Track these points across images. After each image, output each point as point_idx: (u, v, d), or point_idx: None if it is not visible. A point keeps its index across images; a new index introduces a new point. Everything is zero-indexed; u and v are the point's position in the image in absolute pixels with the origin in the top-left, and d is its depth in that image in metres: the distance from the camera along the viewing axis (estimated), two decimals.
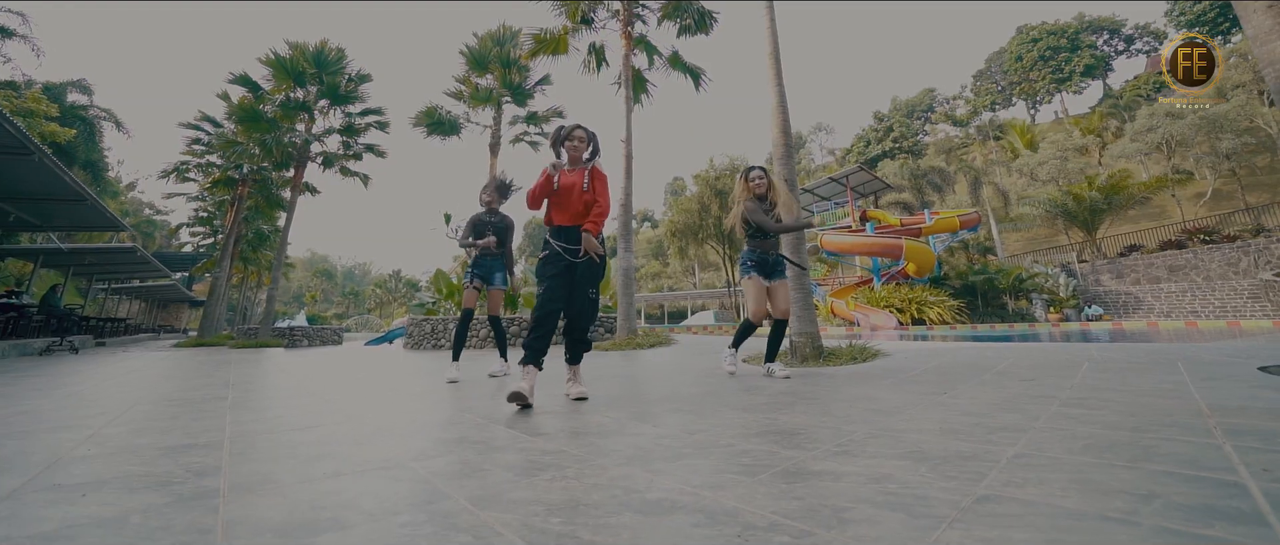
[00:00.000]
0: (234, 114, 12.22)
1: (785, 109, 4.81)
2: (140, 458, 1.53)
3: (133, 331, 24.03)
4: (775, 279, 3.32)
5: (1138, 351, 3.66)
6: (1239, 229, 20.05)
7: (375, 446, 1.62)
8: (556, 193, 2.64)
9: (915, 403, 2.11)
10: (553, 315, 2.51)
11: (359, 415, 2.23)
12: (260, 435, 1.83)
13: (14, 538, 0.96)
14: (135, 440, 1.78)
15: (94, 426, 2.04)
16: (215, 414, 2.32)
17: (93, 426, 2.04)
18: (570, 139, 2.71)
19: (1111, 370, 2.85)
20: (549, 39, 8.53)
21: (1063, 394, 2.19)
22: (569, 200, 2.62)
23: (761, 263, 3.30)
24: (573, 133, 2.72)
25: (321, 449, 1.60)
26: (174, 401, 2.79)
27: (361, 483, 1.23)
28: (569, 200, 2.62)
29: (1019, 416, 1.77)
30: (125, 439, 1.80)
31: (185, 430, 1.95)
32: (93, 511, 1.08)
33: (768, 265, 3.31)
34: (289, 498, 1.13)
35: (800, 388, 2.71)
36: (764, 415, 1.95)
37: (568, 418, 2.04)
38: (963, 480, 1.11)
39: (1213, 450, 1.27)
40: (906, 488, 1.07)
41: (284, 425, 2.02)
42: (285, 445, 1.66)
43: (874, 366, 3.59)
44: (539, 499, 1.09)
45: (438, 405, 2.50)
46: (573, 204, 2.62)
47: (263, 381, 3.93)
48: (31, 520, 1.04)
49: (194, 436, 1.83)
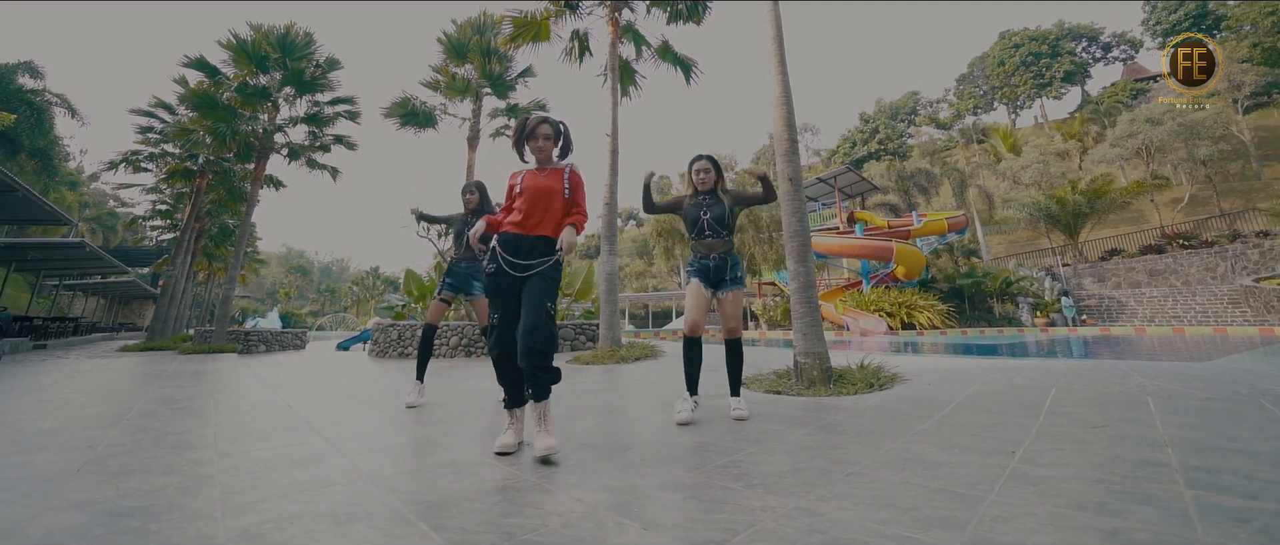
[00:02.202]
0: (188, 100, 11.29)
1: (789, 102, 4.29)
2: None
3: (85, 331, 22.64)
4: (724, 290, 2.74)
5: (1188, 378, 3.23)
6: (1216, 234, 20.31)
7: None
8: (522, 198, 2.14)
9: (990, 473, 1.60)
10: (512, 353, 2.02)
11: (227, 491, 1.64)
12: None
13: None
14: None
15: None
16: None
17: None
18: (533, 137, 2.20)
19: (1188, 411, 2.39)
20: (529, 22, 7.89)
21: (1170, 458, 1.70)
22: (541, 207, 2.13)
23: (701, 269, 2.79)
24: (537, 129, 2.19)
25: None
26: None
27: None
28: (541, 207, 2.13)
29: (1156, 513, 1.26)
30: None
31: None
32: None
33: (709, 271, 2.77)
34: None
35: (823, 435, 2.18)
36: (798, 501, 1.41)
37: (529, 495, 1.48)
38: None
39: None
40: None
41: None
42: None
43: (897, 397, 3.09)
44: None
45: (367, 466, 1.92)
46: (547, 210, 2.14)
47: (145, 430, 3.27)
48: None
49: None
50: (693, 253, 2.88)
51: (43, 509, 1.49)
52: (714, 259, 2.78)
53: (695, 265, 2.82)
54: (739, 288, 2.78)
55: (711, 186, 2.91)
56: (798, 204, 4.06)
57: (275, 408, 3.30)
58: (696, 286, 2.75)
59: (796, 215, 4.03)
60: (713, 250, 2.79)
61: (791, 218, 4.04)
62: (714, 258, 2.78)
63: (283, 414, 3.07)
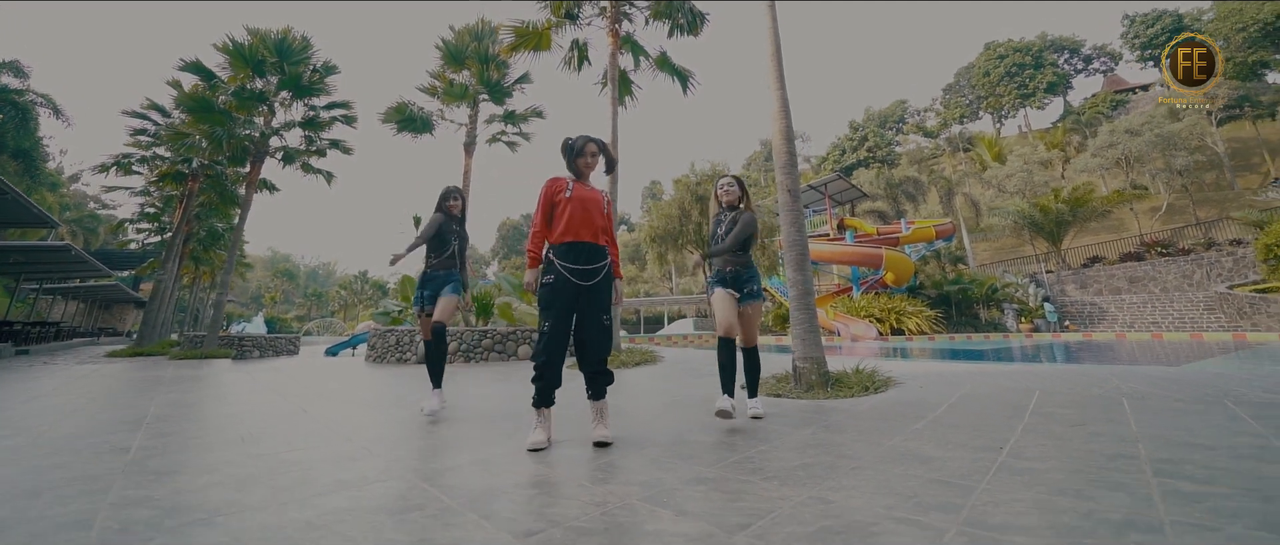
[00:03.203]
0: (183, 103, 11.26)
1: (788, 114, 4.48)
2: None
3: (66, 336, 22.22)
4: (744, 303, 2.87)
5: (1162, 381, 3.44)
6: (1192, 242, 20.97)
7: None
8: (570, 204, 2.32)
9: (979, 467, 1.76)
10: (556, 362, 2.22)
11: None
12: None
13: None
14: None
15: None
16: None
17: None
18: (582, 154, 2.46)
19: (1159, 411, 2.59)
20: (531, 32, 8.05)
21: (1140, 451, 1.88)
22: (587, 217, 2.34)
23: (721, 278, 2.92)
24: (585, 147, 2.46)
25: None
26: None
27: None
28: (587, 217, 2.34)
29: (1126, 497, 1.43)
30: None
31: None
32: None
33: (727, 279, 2.89)
34: None
35: (828, 439, 2.34)
36: (811, 491, 1.56)
37: (580, 489, 1.61)
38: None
39: None
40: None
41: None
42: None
43: (892, 400, 3.26)
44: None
45: (404, 464, 2.03)
46: (592, 221, 2.36)
47: (185, 424, 3.35)
48: None
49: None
50: (711, 265, 3.03)
51: (104, 505, 1.59)
52: (731, 271, 2.90)
53: (717, 276, 2.94)
54: (758, 301, 2.92)
55: (736, 200, 3.06)
56: (796, 214, 4.23)
57: (290, 412, 3.39)
58: (723, 293, 2.86)
59: (795, 225, 4.20)
60: (732, 263, 2.91)
61: (790, 227, 4.21)
62: (730, 269, 2.90)
63: (301, 418, 3.17)
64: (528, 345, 8.04)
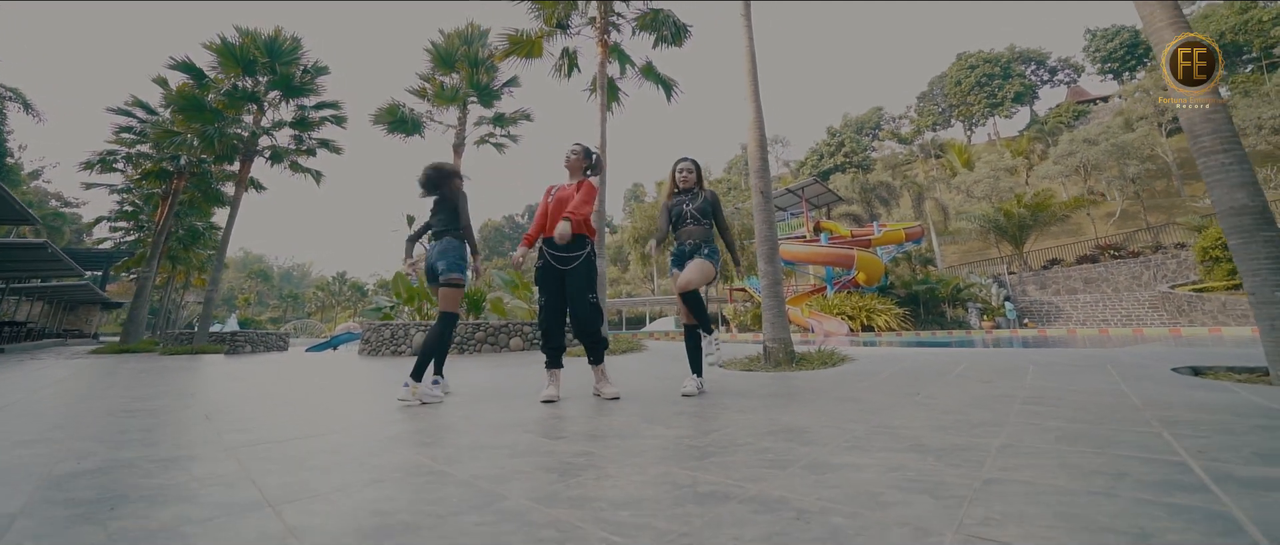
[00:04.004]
0: (172, 101, 11.35)
1: (762, 125, 5.04)
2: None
3: (36, 337, 21.68)
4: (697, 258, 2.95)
5: (1071, 357, 4.08)
6: (1142, 246, 22.39)
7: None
8: (549, 206, 2.80)
9: (898, 403, 2.31)
10: (553, 328, 2.72)
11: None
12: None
13: None
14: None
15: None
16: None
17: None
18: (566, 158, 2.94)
19: (1054, 374, 3.19)
20: (524, 40, 8.50)
21: (1021, 394, 2.45)
22: (561, 211, 2.77)
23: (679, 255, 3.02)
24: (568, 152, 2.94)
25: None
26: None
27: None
28: (561, 211, 2.77)
29: (992, 414, 1.98)
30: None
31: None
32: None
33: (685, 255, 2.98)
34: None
35: (786, 389, 2.87)
36: (765, 416, 2.08)
37: (589, 419, 2.10)
38: (965, 467, 1.27)
39: (1156, 439, 1.50)
40: (924, 475, 1.22)
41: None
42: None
43: (845, 370, 3.82)
44: (602, 496, 1.16)
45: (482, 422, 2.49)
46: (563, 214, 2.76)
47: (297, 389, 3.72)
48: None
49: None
50: (677, 241, 3.05)
51: (187, 478, 2.02)
52: (690, 244, 2.96)
53: (675, 254, 3.02)
54: (706, 260, 2.92)
55: (691, 185, 3.13)
56: (768, 213, 4.79)
57: (310, 403, 3.79)
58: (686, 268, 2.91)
59: (766, 223, 4.76)
60: (691, 236, 2.97)
61: (762, 225, 4.76)
62: (690, 243, 2.97)
63: (323, 410, 3.57)
64: (520, 338, 8.46)
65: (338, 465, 1.47)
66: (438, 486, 1.25)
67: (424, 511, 1.08)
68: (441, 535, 0.95)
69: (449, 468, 1.42)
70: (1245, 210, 2.88)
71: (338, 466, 1.45)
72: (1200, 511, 0.95)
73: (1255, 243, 2.84)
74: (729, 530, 0.94)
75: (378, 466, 1.45)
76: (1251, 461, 1.25)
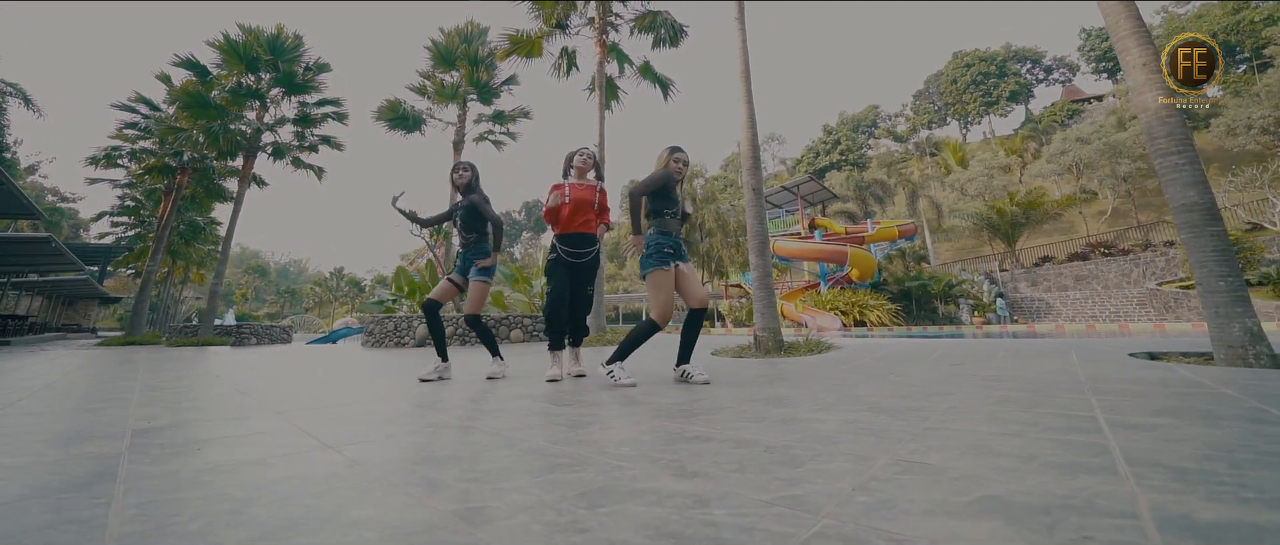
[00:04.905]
0: (177, 98, 11.51)
1: (754, 125, 5.27)
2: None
3: (38, 331, 21.80)
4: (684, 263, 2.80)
5: (1043, 345, 4.35)
6: (1132, 244, 22.74)
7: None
8: (570, 204, 3.03)
9: (870, 379, 2.56)
10: (561, 310, 2.98)
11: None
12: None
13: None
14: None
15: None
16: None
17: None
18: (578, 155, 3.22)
19: (1021, 357, 3.45)
20: (524, 40, 8.70)
21: (983, 373, 2.70)
22: (583, 210, 3.06)
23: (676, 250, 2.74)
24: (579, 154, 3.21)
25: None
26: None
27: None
28: (583, 210, 3.06)
29: (950, 387, 2.23)
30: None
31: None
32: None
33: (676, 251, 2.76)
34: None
35: (774, 372, 3.12)
36: (753, 389, 2.33)
37: (596, 393, 2.34)
38: (911, 420, 1.52)
39: (1082, 401, 1.75)
40: (873, 426, 1.46)
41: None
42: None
43: (830, 356, 4.07)
44: (605, 439, 1.40)
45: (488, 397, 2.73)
46: (589, 213, 3.08)
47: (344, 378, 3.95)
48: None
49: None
50: (662, 233, 2.74)
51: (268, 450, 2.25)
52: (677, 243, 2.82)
53: (671, 246, 2.73)
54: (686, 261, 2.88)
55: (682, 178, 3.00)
56: (759, 209, 5.03)
57: (332, 382, 4.02)
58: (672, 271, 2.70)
59: (758, 218, 5.00)
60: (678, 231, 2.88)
61: (754, 221, 5.01)
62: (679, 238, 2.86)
63: (348, 387, 3.80)
64: (520, 330, 8.70)
65: (377, 423, 1.70)
66: (468, 435, 1.49)
67: (461, 451, 1.32)
68: (478, 463, 1.19)
69: (475, 423, 1.65)
70: (1195, 207, 3.13)
71: (377, 423, 1.69)
72: (1083, 445, 1.20)
73: (1203, 237, 3.10)
74: (709, 458, 1.18)
75: (413, 424, 1.68)
76: (1147, 414, 1.50)
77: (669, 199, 2.79)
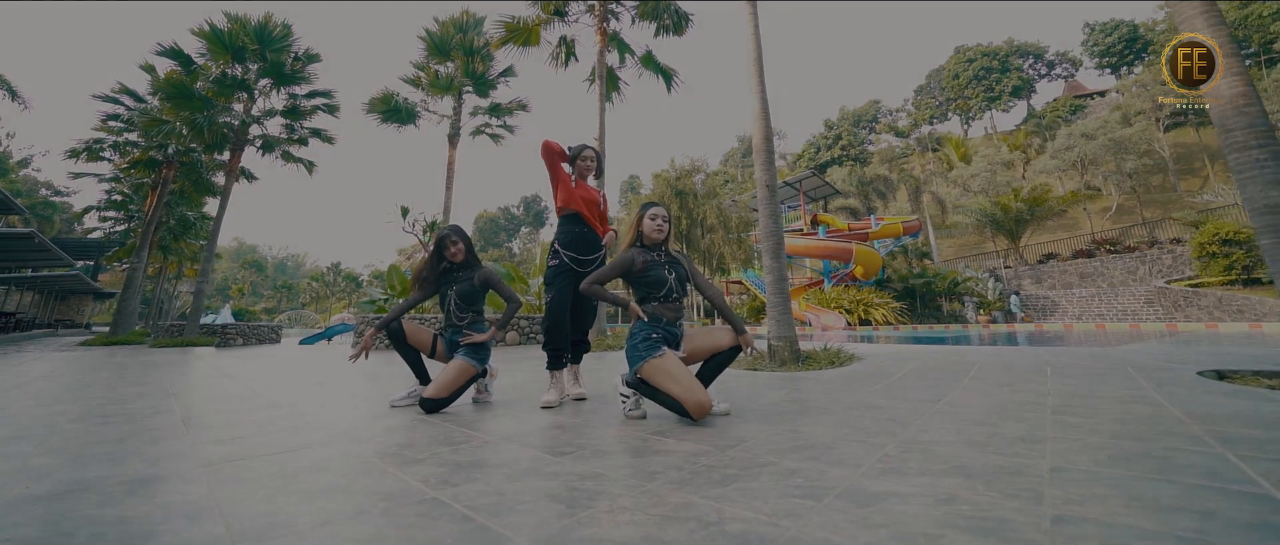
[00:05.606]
0: (160, 89, 11.04)
1: (767, 116, 4.87)
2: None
3: (25, 327, 21.36)
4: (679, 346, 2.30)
5: (1084, 356, 3.98)
6: (1137, 241, 22.40)
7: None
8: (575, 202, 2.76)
9: (920, 412, 2.18)
10: (562, 323, 2.64)
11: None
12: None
13: None
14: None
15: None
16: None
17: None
18: (583, 159, 2.89)
19: (1074, 375, 3.08)
20: (521, 28, 8.27)
21: (1047, 401, 2.33)
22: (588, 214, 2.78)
23: (668, 337, 2.25)
24: (583, 152, 2.89)
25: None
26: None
27: None
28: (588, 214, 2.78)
29: (1026, 427, 1.85)
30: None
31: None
32: None
33: (675, 340, 2.28)
34: None
35: (799, 396, 2.74)
36: (786, 427, 1.95)
37: (601, 431, 1.96)
38: (1023, 500, 1.14)
39: (1222, 462, 1.38)
40: (979, 511, 1.08)
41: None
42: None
43: (854, 371, 3.70)
44: (613, 536, 1.02)
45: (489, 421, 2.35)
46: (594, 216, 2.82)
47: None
48: None
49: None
50: (652, 319, 2.24)
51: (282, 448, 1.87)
52: (676, 326, 2.30)
53: (661, 333, 2.23)
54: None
55: (664, 240, 2.40)
56: (773, 207, 4.64)
57: (299, 407, 3.64)
58: (673, 355, 2.18)
59: (772, 217, 4.61)
60: (677, 316, 2.29)
61: (768, 220, 4.62)
62: (676, 324, 2.30)
63: (311, 417, 3.42)
64: (515, 331, 8.32)
65: (312, 492, 1.32)
66: (429, 521, 1.11)
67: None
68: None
69: (444, 490, 1.27)
70: (1279, 208, 2.76)
71: (313, 493, 1.31)
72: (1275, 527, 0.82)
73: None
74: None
75: (361, 493, 1.30)
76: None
77: (649, 282, 2.26)
